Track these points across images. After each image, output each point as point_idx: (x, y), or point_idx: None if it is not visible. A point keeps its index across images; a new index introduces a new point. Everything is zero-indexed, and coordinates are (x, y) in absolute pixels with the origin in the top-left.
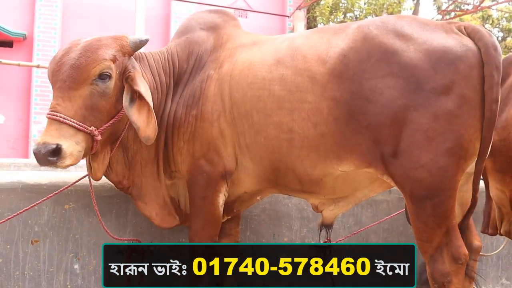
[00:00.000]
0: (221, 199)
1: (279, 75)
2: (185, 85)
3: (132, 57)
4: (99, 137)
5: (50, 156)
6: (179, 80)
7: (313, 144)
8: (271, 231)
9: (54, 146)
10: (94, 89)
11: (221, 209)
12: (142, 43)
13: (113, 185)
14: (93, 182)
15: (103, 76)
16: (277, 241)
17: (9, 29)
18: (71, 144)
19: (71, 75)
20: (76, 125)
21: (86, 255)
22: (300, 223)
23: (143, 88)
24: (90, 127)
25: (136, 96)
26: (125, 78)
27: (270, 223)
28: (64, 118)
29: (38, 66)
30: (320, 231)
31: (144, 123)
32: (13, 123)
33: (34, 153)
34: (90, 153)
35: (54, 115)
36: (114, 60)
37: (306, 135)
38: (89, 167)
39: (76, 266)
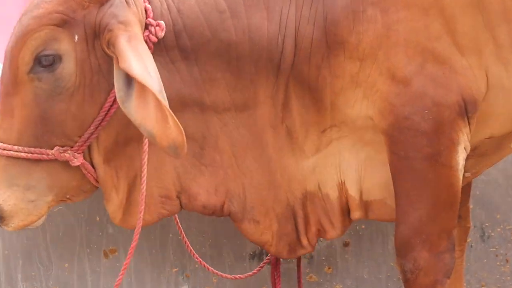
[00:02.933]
0: (461, 157)
1: None
2: None
3: (113, 1)
4: (76, 161)
5: None
6: None
7: None
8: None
9: None
10: (38, 87)
11: (461, 176)
12: None
13: None
14: None
15: (45, 61)
16: None
17: None
18: (13, 193)
19: (4, 71)
20: (25, 154)
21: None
22: None
23: (134, 59)
24: (53, 148)
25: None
26: (106, 43)
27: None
28: (3, 149)
29: None
30: None
31: (157, 122)
32: None
33: None
34: (92, 190)
35: None
36: (60, 21)
37: None
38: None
39: None
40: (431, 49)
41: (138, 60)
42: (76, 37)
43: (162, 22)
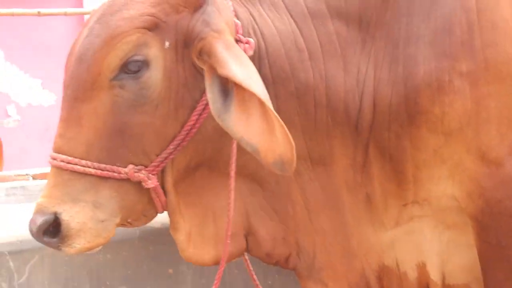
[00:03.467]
0: None
1: None
2: (401, 18)
3: (208, 3)
4: (150, 183)
5: (48, 235)
6: (380, 14)
7: None
8: None
9: (50, 218)
10: (118, 95)
11: None
12: None
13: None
14: None
15: (132, 66)
16: None
17: None
18: (82, 209)
19: (73, 75)
20: (93, 171)
21: None
22: None
23: (235, 65)
24: (126, 167)
25: (232, 87)
26: (197, 53)
27: None
28: (68, 162)
29: None
30: None
31: (262, 134)
32: None
33: (29, 230)
34: (153, 215)
35: (53, 159)
36: (151, 25)
37: None
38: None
39: None
40: None
41: (240, 66)
42: (167, 44)
43: (252, 40)
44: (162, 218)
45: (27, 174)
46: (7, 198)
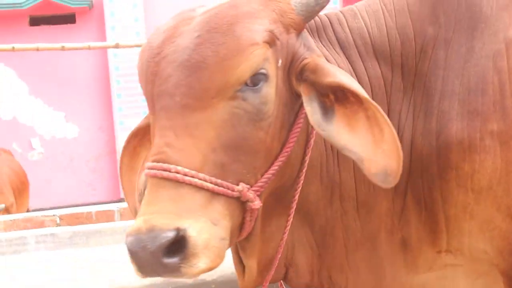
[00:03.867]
0: None
1: None
2: (438, 71)
3: (304, 32)
4: (256, 203)
5: (167, 255)
6: (420, 63)
7: None
8: None
9: (173, 234)
10: (239, 107)
11: None
12: (322, 2)
13: None
14: None
15: (257, 79)
16: None
17: None
18: (206, 226)
19: (183, 83)
20: (211, 185)
21: None
22: None
23: (343, 75)
24: (238, 184)
25: (332, 100)
26: (297, 72)
27: None
28: (185, 174)
29: (117, 46)
30: None
31: (367, 144)
32: (91, 134)
33: (132, 252)
34: (238, 239)
35: (163, 170)
36: (271, 41)
37: None
38: (238, 265)
39: None
40: None
41: (347, 77)
42: (280, 62)
43: None
44: None
45: (54, 215)
46: (37, 245)
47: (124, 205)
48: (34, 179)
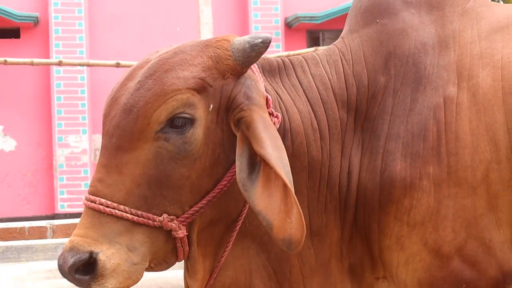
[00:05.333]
0: None
1: None
2: (385, 116)
3: (246, 76)
4: (180, 232)
5: (79, 272)
6: (370, 108)
7: None
8: None
9: (86, 256)
10: (162, 147)
11: None
12: (258, 49)
13: None
14: None
15: (177, 122)
16: None
17: (14, 12)
18: (117, 251)
19: (119, 124)
20: (130, 216)
21: None
22: None
23: (270, 147)
24: (161, 215)
25: (260, 161)
26: (235, 120)
27: None
28: (107, 206)
29: (60, 64)
30: None
31: (279, 213)
32: (29, 148)
33: (58, 264)
34: (173, 263)
35: (91, 201)
36: (200, 88)
37: None
38: (186, 284)
39: None
40: (475, 225)
41: (274, 148)
42: (211, 107)
43: (280, 115)
44: None
45: None
46: None
47: (56, 222)
48: None
